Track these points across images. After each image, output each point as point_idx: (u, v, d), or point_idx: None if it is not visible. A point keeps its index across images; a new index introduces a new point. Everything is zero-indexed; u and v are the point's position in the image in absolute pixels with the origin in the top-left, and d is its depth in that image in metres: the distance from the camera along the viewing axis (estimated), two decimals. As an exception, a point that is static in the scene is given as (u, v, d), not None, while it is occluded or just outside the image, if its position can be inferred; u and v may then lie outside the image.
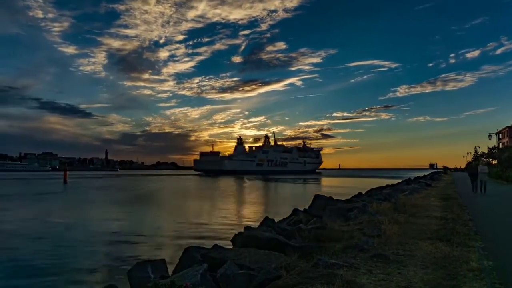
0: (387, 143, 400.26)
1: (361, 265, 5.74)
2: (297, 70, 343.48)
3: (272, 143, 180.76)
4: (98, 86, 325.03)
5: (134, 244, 15.14)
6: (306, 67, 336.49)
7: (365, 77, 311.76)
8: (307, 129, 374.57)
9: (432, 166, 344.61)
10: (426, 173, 79.29)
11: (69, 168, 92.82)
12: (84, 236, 16.79)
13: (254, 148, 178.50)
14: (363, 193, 26.64)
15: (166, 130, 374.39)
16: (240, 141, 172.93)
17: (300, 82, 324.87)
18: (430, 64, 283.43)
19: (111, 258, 12.76)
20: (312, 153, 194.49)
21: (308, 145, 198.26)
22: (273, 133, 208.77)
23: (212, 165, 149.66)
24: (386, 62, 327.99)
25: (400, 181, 44.51)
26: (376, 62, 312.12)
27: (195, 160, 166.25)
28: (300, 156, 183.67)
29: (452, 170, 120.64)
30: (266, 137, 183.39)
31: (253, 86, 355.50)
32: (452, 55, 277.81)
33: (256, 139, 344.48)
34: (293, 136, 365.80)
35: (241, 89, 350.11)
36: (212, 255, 7.10)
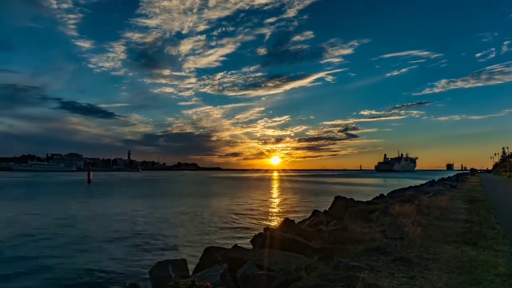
0: (412, 143, 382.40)
1: (383, 268, 5.63)
2: (325, 64, 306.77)
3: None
4: (118, 84, 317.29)
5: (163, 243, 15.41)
6: (336, 60, 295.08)
7: (403, 70, 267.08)
8: (331, 129, 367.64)
9: (449, 167, 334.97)
10: (451, 175, 76.99)
11: (93, 169, 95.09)
12: (110, 234, 17.19)
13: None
14: (385, 194, 26.17)
15: (187, 130, 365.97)
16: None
17: (328, 77, 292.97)
18: (478, 54, 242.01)
19: (134, 256, 13.02)
20: (411, 161, 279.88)
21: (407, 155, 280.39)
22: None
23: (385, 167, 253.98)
24: (425, 53, 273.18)
25: (423, 182, 43.48)
26: (414, 53, 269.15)
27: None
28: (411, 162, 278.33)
29: (479, 171, 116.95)
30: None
31: (277, 82, 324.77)
32: (506, 42, 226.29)
33: (278, 139, 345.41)
34: (316, 136, 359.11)
35: (265, 85, 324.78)
36: (232, 255, 7.12)
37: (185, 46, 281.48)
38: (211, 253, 7.46)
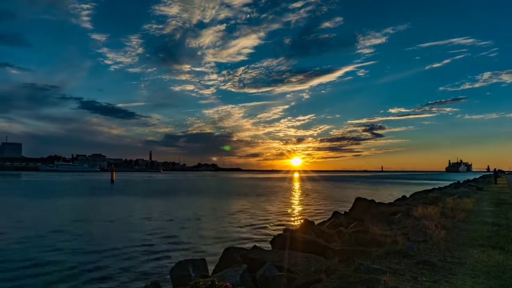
0: (441, 143, 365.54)
1: (405, 272, 5.51)
2: (355, 55, 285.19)
3: None
4: (137, 82, 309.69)
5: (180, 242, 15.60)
6: (367, 51, 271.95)
7: (446, 61, 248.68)
8: (356, 128, 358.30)
9: (450, 167, 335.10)
10: (477, 176, 74.56)
11: (115, 169, 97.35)
12: (131, 233, 17.53)
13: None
14: (407, 196, 25.63)
15: (208, 131, 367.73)
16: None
17: (357, 71, 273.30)
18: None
19: (155, 255, 13.22)
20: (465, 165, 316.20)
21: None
22: None
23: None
24: (470, 40, 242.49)
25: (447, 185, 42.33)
26: (457, 40, 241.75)
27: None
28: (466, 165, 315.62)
29: (506, 173, 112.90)
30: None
31: (302, 77, 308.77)
32: None
33: (299, 139, 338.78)
34: (339, 136, 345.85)
35: (289, 81, 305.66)
36: (252, 256, 7.13)
37: (206, 38, 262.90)
38: (230, 253, 7.48)
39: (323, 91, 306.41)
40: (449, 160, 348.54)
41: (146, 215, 24.89)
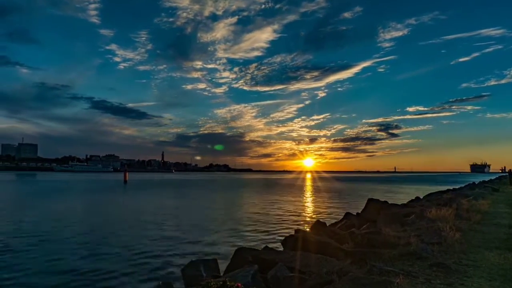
0: (459, 142, 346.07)
1: (419, 274, 5.43)
2: (374, 49, 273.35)
3: None
4: (147, 80, 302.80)
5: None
6: (386, 45, 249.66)
7: (475, 54, 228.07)
8: (371, 128, 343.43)
9: (476, 168, 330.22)
10: (487, 179, 72.96)
11: (128, 170, 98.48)
12: (143, 233, 17.70)
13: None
14: (421, 197, 25.27)
15: (219, 131, 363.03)
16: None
17: (375, 67, 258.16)
18: None
19: (167, 255, 13.32)
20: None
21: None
22: None
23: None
24: (500, 31, 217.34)
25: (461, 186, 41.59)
26: (486, 32, 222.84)
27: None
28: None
29: None
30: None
31: (317, 74, 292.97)
32: None
33: (312, 139, 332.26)
34: (353, 136, 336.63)
35: (304, 78, 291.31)
36: (263, 257, 7.13)
37: (219, 32, 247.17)
38: (242, 253, 7.49)
39: (339, 89, 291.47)
40: (474, 163, 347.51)
41: (158, 215, 25.10)
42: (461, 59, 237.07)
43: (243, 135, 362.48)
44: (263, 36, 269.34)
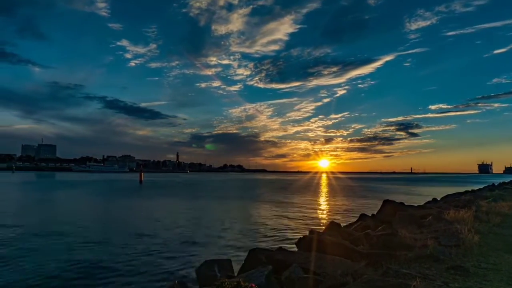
0: (478, 143, 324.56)
1: (436, 277, 5.32)
2: (398, 41, 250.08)
3: None
4: (159, 78, 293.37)
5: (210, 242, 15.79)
6: (412, 36, 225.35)
7: None
8: (390, 127, 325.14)
9: (484, 168, 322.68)
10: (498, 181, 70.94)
11: (144, 170, 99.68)
12: (158, 232, 17.89)
13: None
14: (438, 199, 24.81)
15: (234, 131, 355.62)
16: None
17: (399, 61, 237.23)
18: None
19: (181, 254, 13.43)
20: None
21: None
22: None
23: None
24: None
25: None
26: None
27: None
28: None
29: None
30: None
31: (336, 69, 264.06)
32: None
33: (328, 139, 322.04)
34: (371, 136, 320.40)
35: (322, 73, 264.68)
36: (277, 257, 7.12)
37: (234, 24, 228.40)
38: (256, 254, 7.49)
39: (360, 85, 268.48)
40: (483, 161, 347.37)
41: (172, 215, 25.32)
42: (496, 51, 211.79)
43: (257, 135, 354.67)
44: (281, 27, 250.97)
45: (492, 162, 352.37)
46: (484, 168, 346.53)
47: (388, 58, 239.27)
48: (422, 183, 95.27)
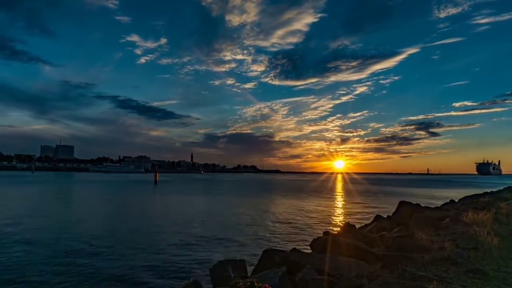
0: (501, 143, 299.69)
1: (453, 280, 5.21)
2: (424, 31, 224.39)
3: None
4: (170, 75, 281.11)
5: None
6: (441, 26, 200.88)
7: None
8: (409, 127, 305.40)
9: (484, 168, 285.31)
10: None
11: (159, 170, 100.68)
12: (173, 232, 18.06)
13: None
14: (456, 200, 24.31)
15: (248, 131, 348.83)
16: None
17: (424, 54, 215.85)
18: None
19: (195, 254, 13.52)
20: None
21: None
22: None
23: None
24: None
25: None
26: None
27: None
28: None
29: None
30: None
31: (355, 64, 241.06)
32: None
33: (344, 139, 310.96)
34: (389, 136, 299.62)
35: (340, 68, 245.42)
36: (291, 259, 7.09)
37: (249, 14, 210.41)
38: (270, 255, 7.48)
39: (381, 81, 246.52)
40: (484, 159, 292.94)
41: (186, 215, 25.52)
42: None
43: (272, 135, 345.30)
44: (299, 17, 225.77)
45: (500, 161, 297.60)
46: (484, 168, 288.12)
47: (413, 50, 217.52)
48: (439, 184, 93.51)
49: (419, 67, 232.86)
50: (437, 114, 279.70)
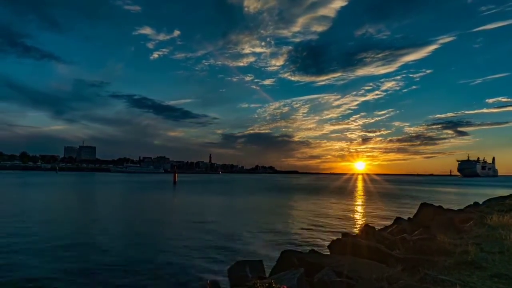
0: None
1: (477, 285, 5.05)
2: (462, 16, 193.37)
3: None
4: (184, 71, 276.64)
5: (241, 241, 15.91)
6: (483, 8, 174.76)
7: None
8: (436, 125, 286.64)
9: (466, 167, 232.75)
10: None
11: (178, 171, 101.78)
12: (192, 231, 18.23)
13: None
14: (480, 202, 23.58)
15: (266, 131, 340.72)
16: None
17: (461, 43, 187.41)
18: None
19: (213, 254, 13.60)
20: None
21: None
22: None
23: None
24: None
25: None
26: None
27: None
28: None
29: None
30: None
31: (381, 55, 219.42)
32: None
33: (365, 139, 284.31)
34: (414, 135, 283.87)
35: (365, 61, 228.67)
36: (309, 260, 7.04)
37: (269, 0, 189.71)
38: (288, 256, 7.45)
39: (411, 75, 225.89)
40: (469, 156, 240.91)
41: (205, 215, 25.70)
42: None
43: (291, 135, 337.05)
44: (326, 1, 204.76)
45: (494, 158, 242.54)
46: (468, 168, 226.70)
47: (447, 39, 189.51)
48: (461, 186, 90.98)
49: (454, 58, 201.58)
50: (467, 112, 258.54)
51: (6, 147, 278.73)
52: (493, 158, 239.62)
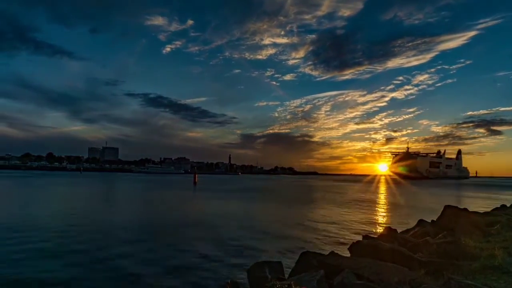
0: None
1: (505, 290, 4.88)
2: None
3: None
4: (198, 67, 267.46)
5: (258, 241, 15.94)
6: None
7: None
8: (468, 124, 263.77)
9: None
10: None
11: (198, 172, 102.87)
12: (211, 232, 18.37)
13: None
14: (508, 205, 22.78)
15: (286, 131, 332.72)
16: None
17: (504, 27, 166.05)
18: None
19: (233, 254, 13.66)
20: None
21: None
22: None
23: None
24: None
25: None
26: None
27: None
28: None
29: None
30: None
31: (410, 44, 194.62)
32: None
33: (388, 139, 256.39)
34: (441, 135, 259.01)
35: (396, 52, 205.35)
36: (329, 262, 6.98)
37: None
38: (307, 258, 7.41)
39: (445, 66, 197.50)
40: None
41: (225, 216, 25.84)
42: None
43: (312, 136, 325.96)
44: None
45: (460, 151, 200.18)
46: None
47: (488, 23, 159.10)
48: (488, 188, 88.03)
49: (497, 46, 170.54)
50: (502, 108, 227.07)
51: (33, 148, 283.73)
52: (459, 151, 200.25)
